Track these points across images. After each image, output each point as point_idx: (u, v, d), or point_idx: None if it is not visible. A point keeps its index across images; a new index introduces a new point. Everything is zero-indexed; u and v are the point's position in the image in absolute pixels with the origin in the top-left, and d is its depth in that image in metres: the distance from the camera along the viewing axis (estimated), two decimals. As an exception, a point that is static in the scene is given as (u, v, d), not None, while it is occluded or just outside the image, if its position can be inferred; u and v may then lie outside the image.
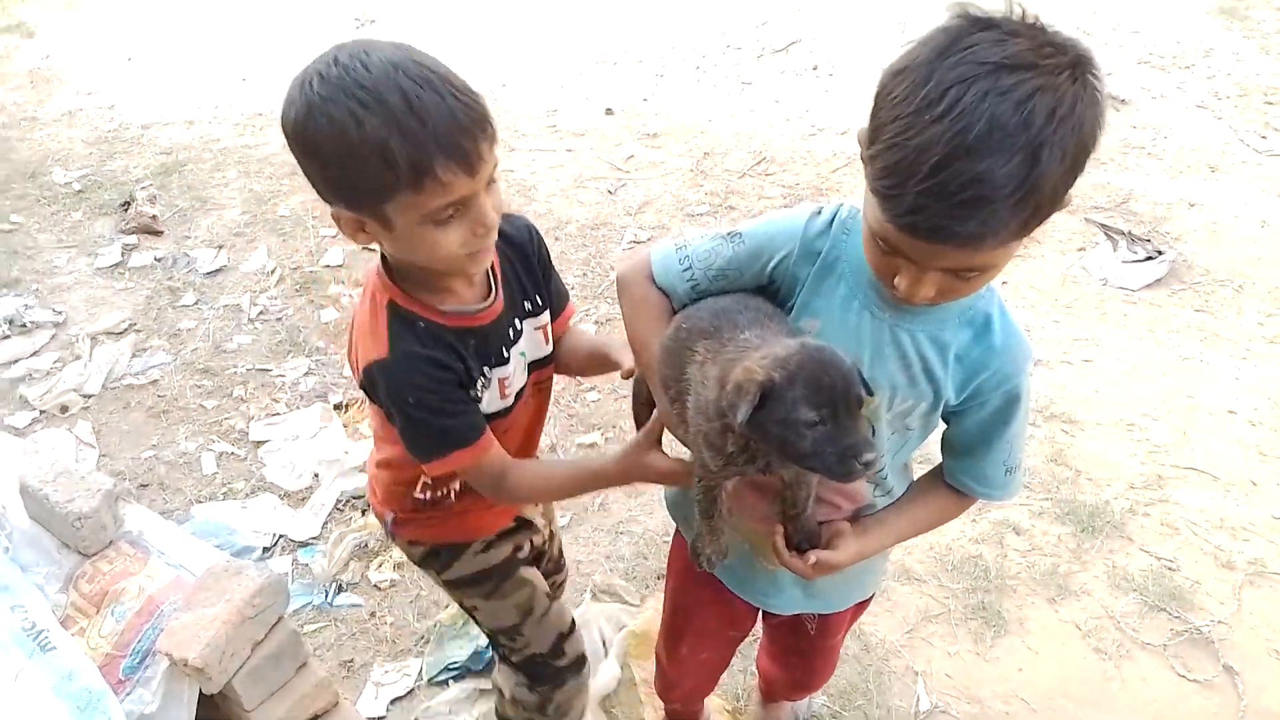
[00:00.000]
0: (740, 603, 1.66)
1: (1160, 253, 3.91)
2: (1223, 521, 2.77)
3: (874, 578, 1.69)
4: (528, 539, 1.84)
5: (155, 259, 4.23)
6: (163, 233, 4.44)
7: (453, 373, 1.38)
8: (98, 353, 3.60)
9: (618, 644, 2.39)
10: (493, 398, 1.48)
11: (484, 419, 1.45)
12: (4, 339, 3.72)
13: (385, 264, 1.38)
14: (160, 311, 3.89)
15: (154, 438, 3.24)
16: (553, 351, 1.63)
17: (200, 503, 2.95)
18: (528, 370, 1.56)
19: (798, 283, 1.32)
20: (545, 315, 1.58)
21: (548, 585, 1.86)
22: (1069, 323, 3.64)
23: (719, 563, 1.43)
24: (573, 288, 3.90)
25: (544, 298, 1.57)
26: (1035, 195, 0.98)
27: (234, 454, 3.16)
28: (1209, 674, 2.37)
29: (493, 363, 1.46)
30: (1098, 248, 4.03)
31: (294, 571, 2.71)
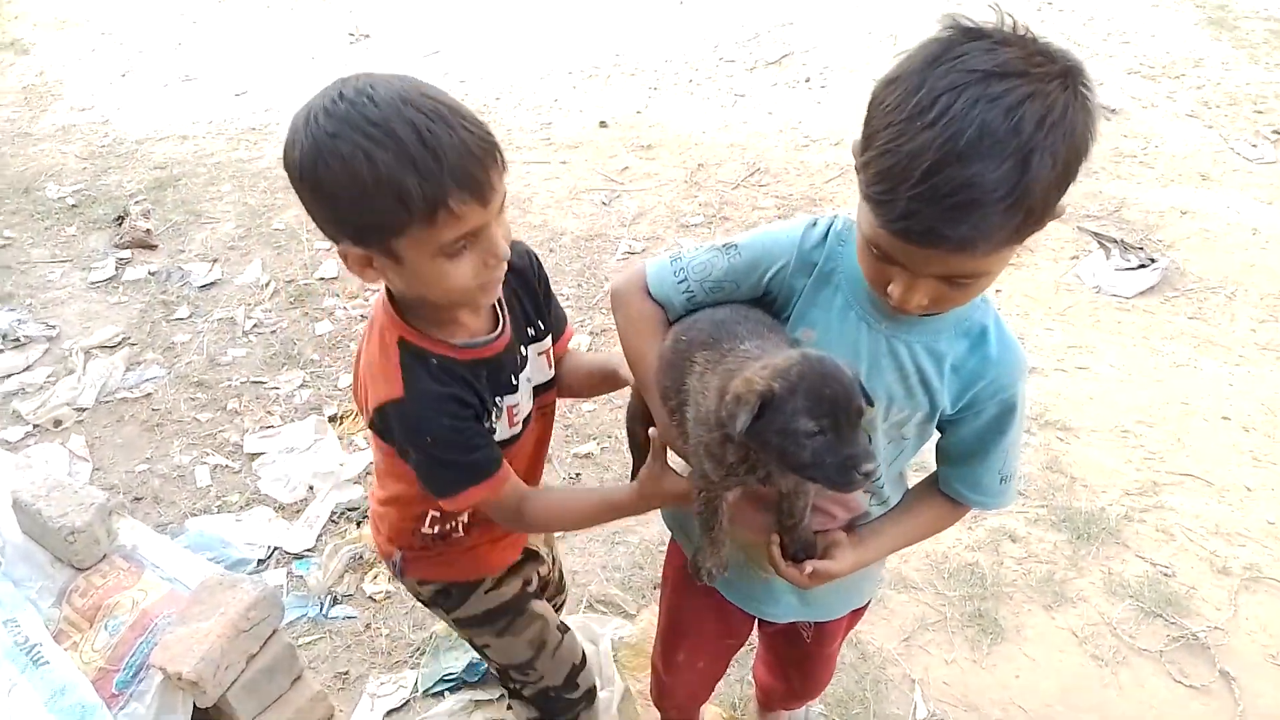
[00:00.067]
0: (736, 611, 1.66)
1: (1153, 260, 3.93)
2: (1218, 527, 2.78)
3: (870, 585, 1.69)
4: (535, 571, 1.83)
5: (149, 273, 4.23)
6: (157, 246, 4.44)
7: (470, 408, 1.37)
8: (91, 366, 3.60)
9: (610, 656, 2.38)
10: (503, 426, 1.47)
11: (499, 450, 1.43)
12: (-3, 354, 3.71)
13: (391, 299, 1.36)
14: (154, 325, 3.88)
15: (148, 451, 3.23)
16: (555, 375, 1.62)
17: (195, 516, 2.94)
18: (532, 396, 1.55)
19: (794, 293, 1.32)
20: (548, 340, 1.57)
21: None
22: (1063, 330, 3.65)
23: (720, 576, 1.42)
24: (568, 299, 3.91)
25: (546, 322, 1.56)
26: (1027, 200, 0.99)
27: (228, 467, 3.15)
28: (1205, 680, 2.37)
29: (503, 391, 1.45)
30: (1091, 256, 4.04)
31: (289, 584, 2.70)
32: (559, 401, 1.69)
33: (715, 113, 5.53)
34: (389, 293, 1.36)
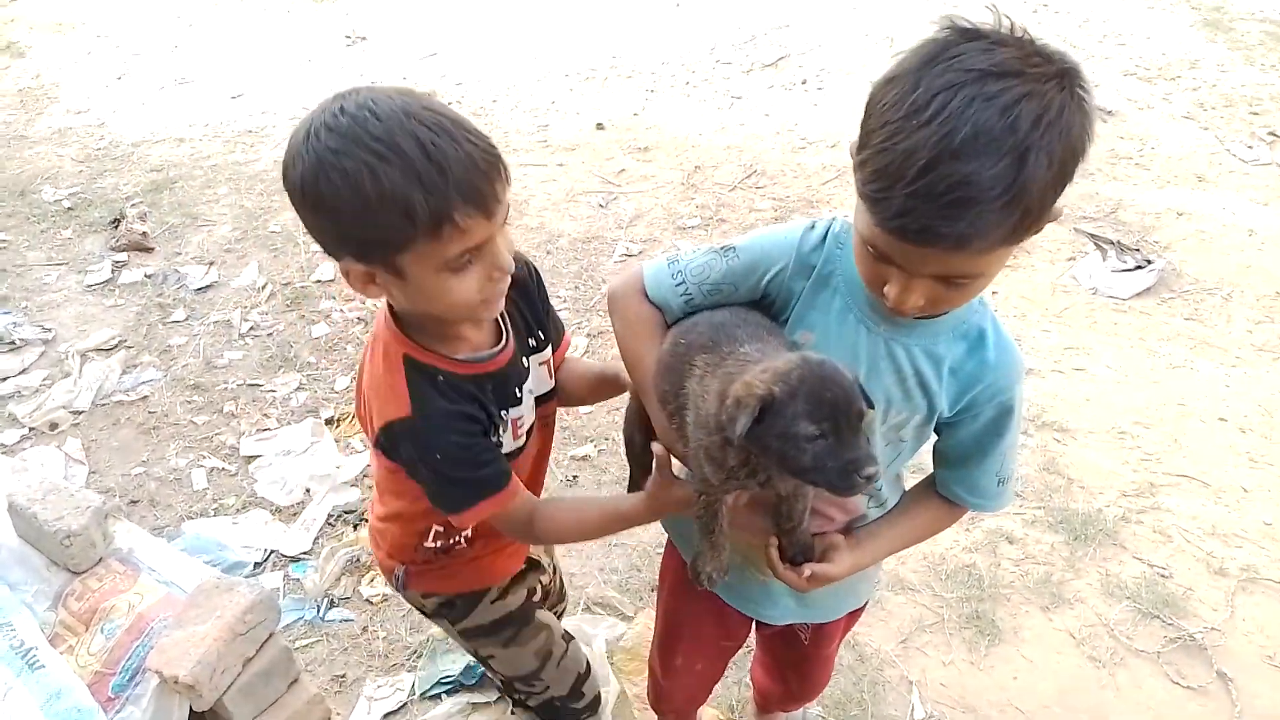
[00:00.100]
0: (734, 613, 1.65)
1: (1149, 262, 3.94)
2: (1215, 528, 2.78)
3: (867, 586, 1.69)
4: (538, 580, 1.82)
5: (145, 275, 4.22)
6: (153, 249, 4.43)
7: (478, 423, 1.36)
8: (87, 369, 3.59)
9: (604, 658, 2.38)
10: (508, 439, 1.47)
11: (508, 464, 1.42)
12: (-7, 357, 3.70)
13: (393, 314, 1.34)
14: (150, 328, 3.88)
15: (144, 454, 3.22)
16: (555, 385, 1.61)
17: (191, 519, 2.93)
18: (534, 406, 1.55)
19: (793, 296, 1.32)
20: (549, 350, 1.57)
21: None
22: (1060, 332, 3.65)
23: (720, 580, 1.41)
24: (565, 301, 3.91)
25: (546, 333, 1.56)
26: (1023, 199, 0.99)
27: (225, 470, 3.14)
28: (1203, 681, 2.37)
29: (509, 405, 1.44)
30: (1087, 257, 4.05)
31: (285, 587, 2.69)
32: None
33: (712, 115, 5.54)
34: (391, 308, 1.34)
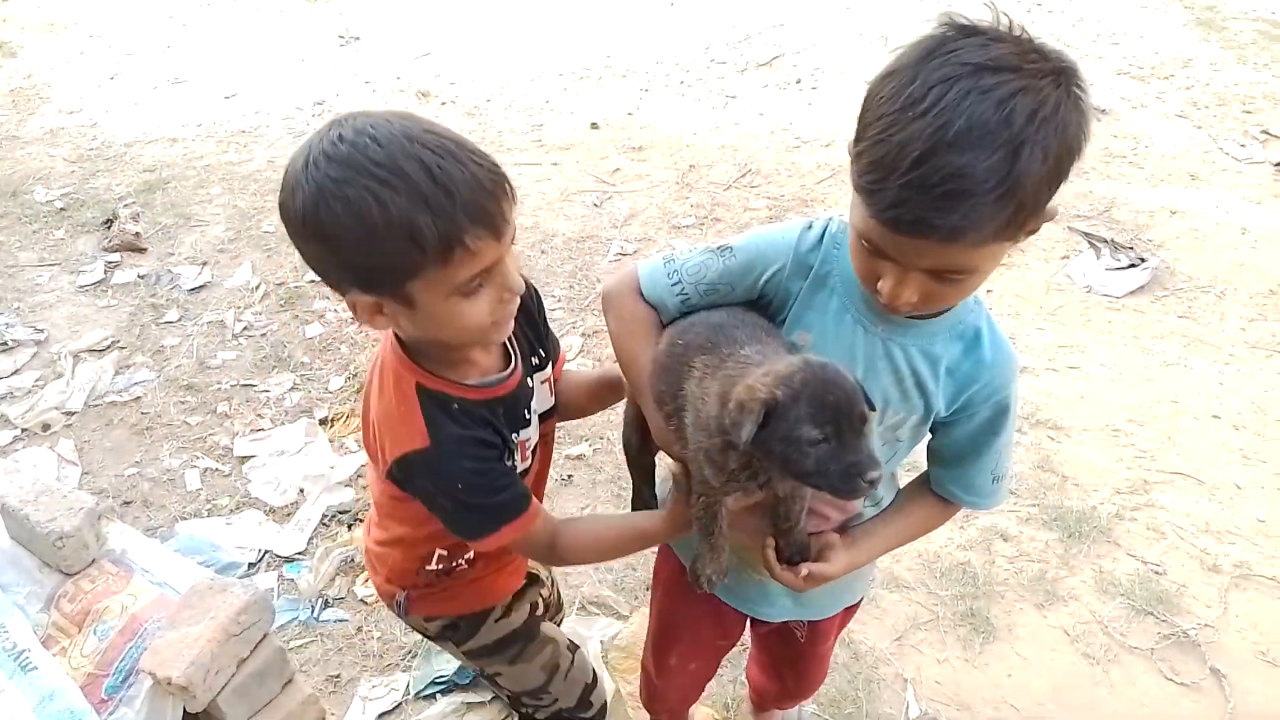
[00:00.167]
0: (730, 612, 1.65)
1: (1143, 260, 3.95)
2: (1208, 525, 2.79)
3: (862, 583, 1.69)
4: (539, 594, 1.81)
5: (139, 276, 4.21)
6: (146, 250, 4.42)
7: (494, 449, 1.34)
8: (80, 370, 3.58)
9: (599, 658, 2.38)
10: (517, 461, 1.45)
11: (526, 486, 1.40)
12: (-15, 358, 3.69)
13: (400, 341, 1.31)
14: (144, 328, 3.86)
15: (137, 455, 3.21)
16: (555, 401, 1.59)
17: (184, 519, 2.92)
18: (538, 425, 1.53)
19: (790, 296, 1.32)
20: (549, 367, 1.54)
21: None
22: (1054, 330, 3.66)
23: (720, 583, 1.40)
24: (559, 301, 3.91)
25: (547, 350, 1.53)
26: (1017, 192, 0.99)
27: (218, 470, 3.13)
28: (1196, 677, 2.38)
29: (519, 427, 1.42)
30: (1081, 256, 4.06)
31: (280, 587, 2.68)
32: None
33: (706, 114, 5.54)
34: (397, 336, 1.31)
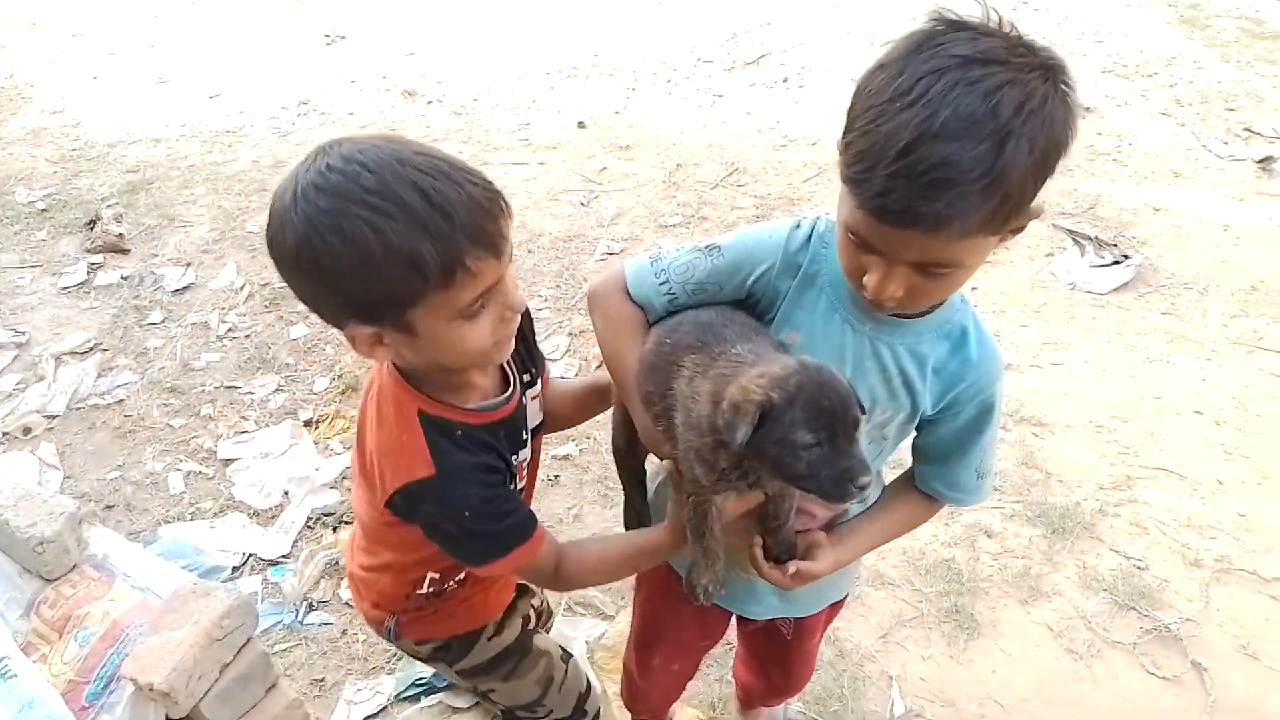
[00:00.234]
0: (714, 612, 1.65)
1: (1127, 257, 3.97)
2: (1190, 520, 2.80)
3: (848, 579, 1.69)
4: (529, 606, 1.79)
5: (122, 277, 4.18)
6: (129, 251, 4.39)
7: (499, 473, 1.32)
8: (62, 373, 3.55)
9: (586, 659, 2.38)
10: (518, 483, 1.44)
11: (530, 509, 1.38)
12: (-34, 361, 3.66)
13: (397, 367, 1.29)
14: (126, 330, 3.84)
15: (120, 458, 3.19)
16: (544, 416, 1.57)
17: (168, 523, 2.91)
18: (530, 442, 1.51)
19: (779, 296, 1.32)
20: (539, 384, 1.52)
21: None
22: (1038, 327, 3.67)
23: (716, 593, 1.38)
24: (546, 300, 3.90)
25: (536, 365, 1.51)
26: (1002, 183, 0.99)
27: (202, 473, 3.12)
28: (1178, 671, 2.39)
29: (518, 449, 1.41)
30: (1065, 253, 4.07)
31: (264, 591, 2.67)
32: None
33: (693, 113, 5.54)
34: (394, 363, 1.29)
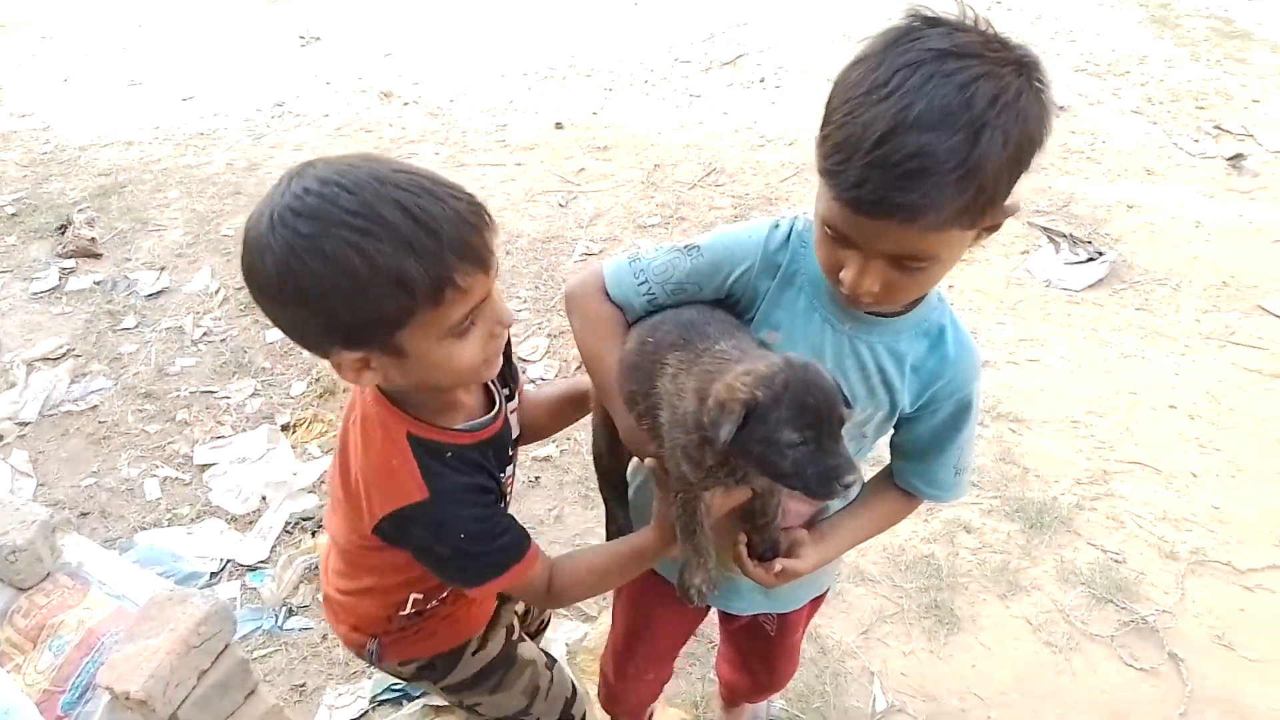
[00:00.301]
0: (692, 614, 1.65)
1: (1101, 254, 4.01)
2: (1165, 513, 2.84)
3: (829, 574, 1.70)
4: (512, 615, 1.77)
5: (94, 282, 4.13)
6: (102, 255, 4.33)
7: (491, 493, 1.31)
8: (34, 379, 3.50)
9: (567, 661, 2.37)
10: (507, 500, 1.42)
11: (523, 527, 1.35)
12: (-65, 368, 3.60)
13: (382, 391, 1.26)
14: (100, 335, 3.79)
15: (94, 465, 3.15)
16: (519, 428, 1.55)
17: (144, 530, 2.87)
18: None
19: (758, 295, 1.32)
20: (516, 396, 1.50)
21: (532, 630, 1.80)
22: (1014, 324, 3.71)
23: (710, 594, 1.36)
24: (525, 302, 3.89)
25: (514, 379, 1.49)
26: (977, 175, 1.00)
27: (178, 479, 3.08)
28: (1155, 662, 2.42)
29: (505, 466, 1.39)
30: (1040, 250, 4.11)
31: (242, 596, 2.65)
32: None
33: (671, 113, 5.54)
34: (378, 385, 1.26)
